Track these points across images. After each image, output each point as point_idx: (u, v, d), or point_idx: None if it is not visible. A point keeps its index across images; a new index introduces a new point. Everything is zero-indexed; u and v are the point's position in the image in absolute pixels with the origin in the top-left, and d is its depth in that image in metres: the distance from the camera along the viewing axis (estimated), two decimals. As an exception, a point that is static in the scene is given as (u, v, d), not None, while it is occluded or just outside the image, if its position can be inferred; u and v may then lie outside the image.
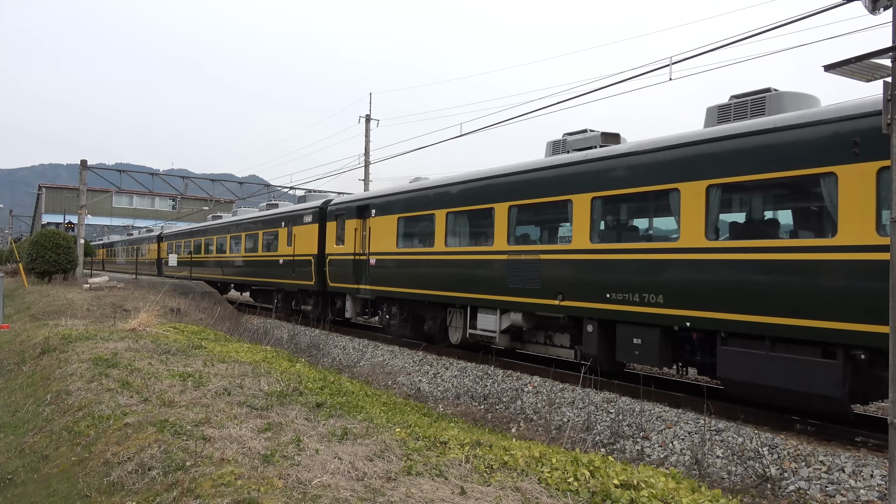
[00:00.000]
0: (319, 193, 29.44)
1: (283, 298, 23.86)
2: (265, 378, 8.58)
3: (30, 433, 7.40)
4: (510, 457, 5.15)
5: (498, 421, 10.77)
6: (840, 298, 7.66)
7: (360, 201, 18.26)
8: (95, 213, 58.30)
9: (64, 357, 10.27)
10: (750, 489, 7.34)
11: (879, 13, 5.82)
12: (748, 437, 8.18)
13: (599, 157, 11.01)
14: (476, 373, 12.92)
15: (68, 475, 5.84)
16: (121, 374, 8.58)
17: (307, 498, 4.28)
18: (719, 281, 9.01)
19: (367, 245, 17.30)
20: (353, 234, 18.01)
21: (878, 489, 6.76)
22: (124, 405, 7.08)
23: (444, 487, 4.48)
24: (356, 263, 17.76)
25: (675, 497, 4.38)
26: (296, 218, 22.02)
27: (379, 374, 14.38)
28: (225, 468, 4.88)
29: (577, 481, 4.61)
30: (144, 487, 5.02)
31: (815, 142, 8.06)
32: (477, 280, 13.31)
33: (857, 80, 6.97)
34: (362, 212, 17.92)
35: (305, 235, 21.11)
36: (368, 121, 33.97)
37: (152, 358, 9.80)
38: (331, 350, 17.52)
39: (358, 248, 17.81)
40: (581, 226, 11.16)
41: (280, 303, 24.14)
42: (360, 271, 17.55)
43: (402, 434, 5.90)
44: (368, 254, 17.17)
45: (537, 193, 12.17)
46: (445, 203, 14.44)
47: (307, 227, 21.07)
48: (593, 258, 10.91)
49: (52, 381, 9.09)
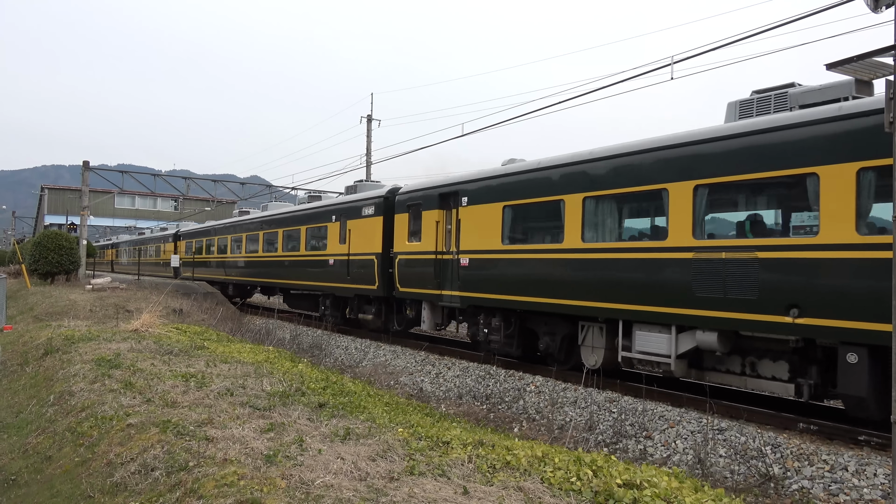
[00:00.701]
0: (320, 193, 28.66)
1: (333, 305, 20.36)
2: (267, 378, 8.59)
3: (33, 434, 7.41)
4: (513, 456, 5.15)
5: (500, 421, 10.77)
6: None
7: (443, 187, 14.90)
8: (98, 214, 58.38)
9: (67, 358, 10.29)
10: (753, 488, 7.33)
11: (882, 11, 5.81)
12: (751, 436, 8.17)
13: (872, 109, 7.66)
14: (478, 373, 12.92)
15: (71, 476, 5.85)
16: (123, 375, 8.59)
17: (310, 498, 4.29)
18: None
19: (455, 241, 14.26)
20: (433, 228, 14.88)
21: (882, 488, 6.75)
22: (127, 406, 7.09)
23: (447, 487, 4.48)
24: (438, 264, 14.65)
25: (678, 496, 4.38)
26: (351, 210, 18.62)
27: (381, 375, 14.39)
28: (228, 468, 4.89)
29: (579, 481, 4.61)
30: (147, 488, 5.03)
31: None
32: (636, 286, 10.18)
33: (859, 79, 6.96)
34: (447, 200, 14.76)
35: (365, 230, 17.73)
36: (370, 121, 33.98)
37: (155, 359, 9.82)
38: (333, 350, 17.53)
39: (441, 244, 14.70)
40: (839, 209, 7.88)
41: (329, 310, 20.57)
42: (445, 273, 14.50)
43: (404, 434, 5.90)
44: (457, 252, 14.10)
45: (747, 167, 8.90)
46: (581, 185, 11.21)
47: (367, 221, 17.67)
48: (864, 256, 7.65)
49: (55, 382, 9.11)
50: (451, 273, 14.31)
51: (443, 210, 14.83)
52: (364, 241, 17.75)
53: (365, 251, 17.64)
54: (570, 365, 12.21)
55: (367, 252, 17.54)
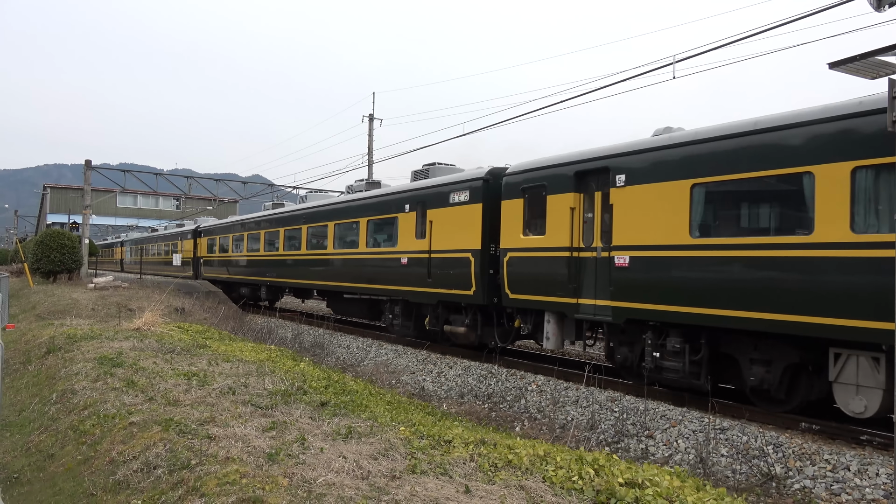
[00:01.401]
0: (323, 193, 27.96)
1: (404, 313, 16.59)
2: (269, 377, 8.60)
3: (35, 432, 7.43)
4: (514, 455, 5.15)
5: (502, 420, 10.77)
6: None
7: (582, 163, 11.42)
8: (100, 213, 58.46)
9: (69, 356, 10.31)
10: (755, 488, 7.33)
11: (885, 10, 5.80)
12: (753, 435, 8.17)
13: None
14: (480, 372, 12.93)
15: (74, 474, 5.87)
16: (126, 374, 8.61)
17: (312, 496, 4.29)
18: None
19: (603, 234, 11.04)
20: (565, 217, 11.56)
21: (884, 488, 6.75)
22: (129, 404, 7.11)
23: (449, 486, 4.48)
24: (574, 264, 11.37)
25: (679, 495, 4.38)
26: (433, 197, 15.06)
27: (383, 374, 14.40)
28: (230, 467, 4.89)
29: (581, 480, 4.61)
30: (150, 486, 5.04)
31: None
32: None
33: (861, 78, 6.95)
34: (587, 180, 11.44)
35: (455, 222, 14.27)
36: (372, 120, 33.99)
37: (157, 357, 9.83)
38: (335, 349, 17.54)
39: (577, 238, 11.44)
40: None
41: (398, 319, 16.80)
42: (584, 276, 11.27)
43: (406, 433, 5.91)
44: (606, 248, 10.82)
45: None
46: (850, 150, 7.83)
47: (459, 210, 14.18)
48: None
49: (58, 381, 9.12)
50: (597, 276, 10.96)
51: (579, 193, 11.45)
52: (453, 235, 14.25)
53: (455, 247, 14.18)
54: (791, 407, 9.07)
55: (458, 249, 14.07)
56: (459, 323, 14.51)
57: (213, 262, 31.22)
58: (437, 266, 14.67)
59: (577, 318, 11.45)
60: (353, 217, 18.69)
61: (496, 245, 13.35)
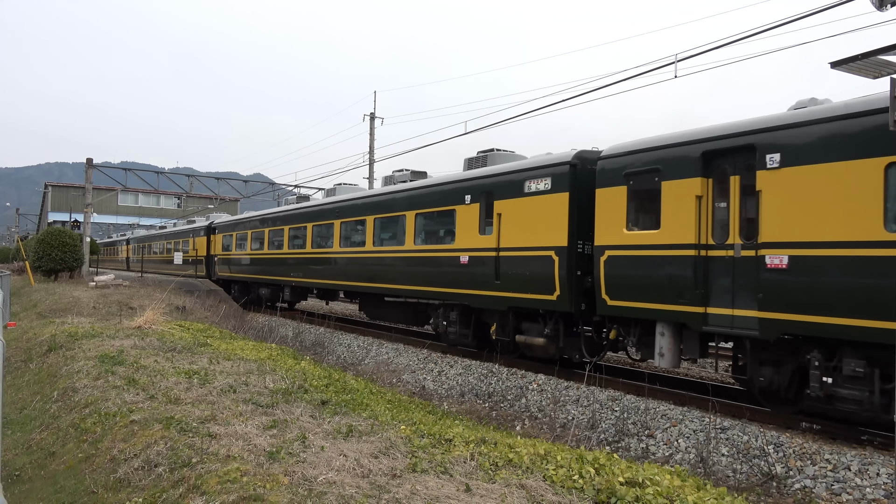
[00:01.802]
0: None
1: (461, 320, 14.67)
2: (270, 375, 8.61)
3: (37, 430, 7.44)
4: (515, 454, 5.16)
5: (503, 419, 10.78)
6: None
7: (714, 140, 9.41)
8: (101, 212, 58.53)
9: (70, 354, 10.32)
10: (755, 487, 7.33)
11: (887, 9, 5.80)
12: (753, 435, 8.17)
13: None
14: (481, 371, 12.93)
15: (75, 472, 5.88)
16: (127, 372, 8.62)
17: (312, 495, 4.30)
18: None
19: (745, 227, 9.12)
20: (688, 208, 9.59)
21: (885, 487, 6.75)
22: (130, 402, 7.12)
23: (450, 484, 4.49)
24: (702, 265, 9.44)
25: (680, 495, 4.38)
26: (503, 186, 13.07)
27: (384, 372, 14.40)
28: (231, 465, 4.90)
29: (582, 479, 4.61)
30: (151, 484, 5.05)
31: None
32: None
33: (863, 77, 6.95)
34: (718, 162, 9.45)
35: (532, 214, 12.28)
36: (373, 119, 34.00)
37: (158, 355, 9.84)
38: (335, 348, 17.54)
39: (706, 233, 9.50)
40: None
41: (454, 325, 14.83)
42: (718, 279, 9.30)
43: (406, 431, 5.91)
44: (751, 245, 8.92)
45: None
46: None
47: (536, 201, 12.19)
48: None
49: (59, 379, 9.14)
50: (735, 280, 9.05)
51: (707, 178, 9.50)
52: (530, 230, 12.26)
53: (532, 244, 12.18)
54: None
55: (536, 246, 12.09)
56: (536, 333, 12.54)
57: (228, 261, 29.04)
58: (507, 266, 12.73)
59: (706, 330, 9.37)
60: (398, 210, 16.44)
61: (585, 242, 11.48)
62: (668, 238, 9.89)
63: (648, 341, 10.57)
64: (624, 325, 10.98)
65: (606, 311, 10.87)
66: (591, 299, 11.33)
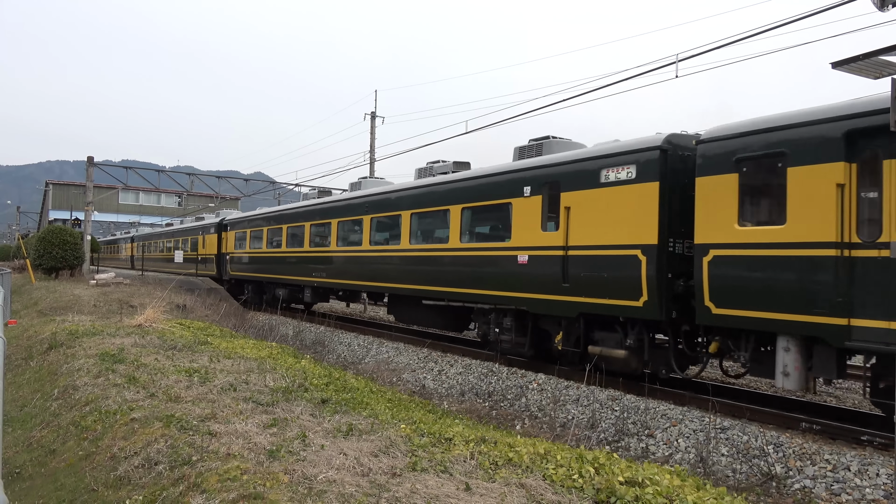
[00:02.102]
0: (324, 190, 26.11)
1: (517, 327, 13.01)
2: (271, 374, 8.62)
3: (37, 428, 7.45)
4: (515, 453, 5.16)
5: (503, 418, 10.78)
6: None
7: (864, 116, 7.83)
8: (102, 210, 58.59)
9: (71, 352, 10.34)
10: (755, 487, 7.33)
11: (888, 10, 5.80)
12: (753, 435, 8.17)
13: None
14: (481, 370, 12.93)
15: (75, 469, 5.89)
16: (127, 370, 8.63)
17: (312, 493, 4.30)
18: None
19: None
20: (824, 199, 8.12)
21: (884, 488, 6.75)
22: (131, 400, 7.13)
23: (449, 483, 4.49)
24: (844, 267, 7.96)
25: (679, 494, 4.38)
26: (573, 176, 11.46)
27: (384, 371, 14.41)
28: (231, 463, 4.91)
29: (581, 478, 4.62)
30: (151, 482, 5.05)
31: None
32: None
33: (864, 78, 6.95)
34: (869, 144, 7.91)
35: (610, 207, 10.70)
36: (374, 118, 33.99)
37: (158, 354, 9.85)
38: (336, 347, 17.55)
39: (849, 230, 8.00)
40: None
41: (508, 333, 13.18)
42: (868, 285, 7.82)
43: (407, 430, 5.92)
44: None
45: None
46: None
47: (616, 192, 10.62)
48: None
49: (59, 377, 9.15)
50: (893, 286, 7.55)
51: (850, 163, 7.98)
52: (609, 226, 10.73)
53: (612, 242, 10.67)
54: None
55: (616, 244, 10.59)
56: (614, 343, 10.97)
57: (242, 260, 27.37)
58: (579, 267, 11.15)
59: (849, 347, 7.92)
60: (440, 205, 14.84)
61: (676, 239, 10.13)
62: (796, 235, 8.35)
63: (763, 357, 9.09)
64: (732, 338, 9.46)
65: (710, 320, 9.26)
66: (682, 306, 9.98)
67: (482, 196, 13.64)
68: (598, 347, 11.24)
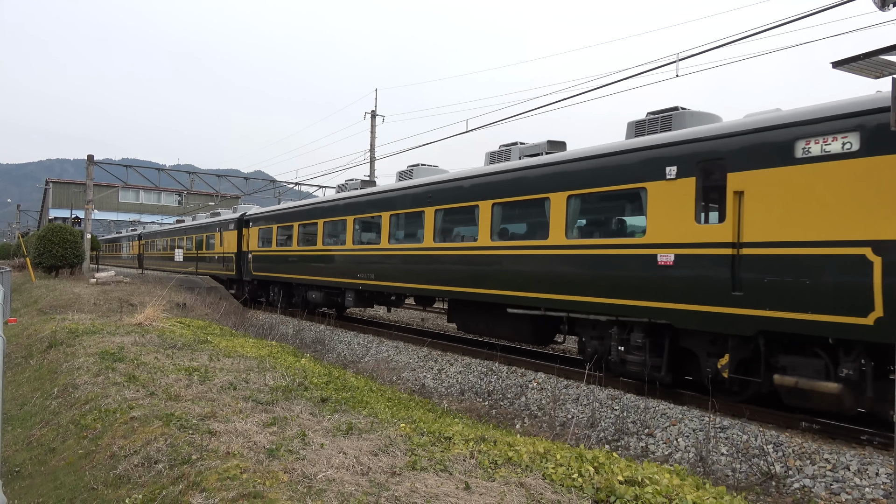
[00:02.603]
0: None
1: (652, 346, 10.30)
2: (270, 373, 8.62)
3: (37, 426, 7.45)
4: (514, 453, 5.16)
5: (502, 417, 10.79)
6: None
7: None
8: (102, 209, 58.58)
9: (71, 351, 10.34)
10: (754, 486, 7.33)
11: (888, 9, 5.79)
12: (753, 434, 8.17)
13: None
14: (480, 369, 12.93)
15: (75, 468, 5.89)
16: (127, 368, 8.63)
17: (312, 492, 4.30)
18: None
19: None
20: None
21: (884, 487, 6.75)
22: (130, 399, 7.13)
23: (449, 482, 4.49)
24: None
25: (679, 494, 4.38)
26: (746, 152, 8.78)
27: (384, 370, 14.41)
28: (230, 462, 4.91)
29: (581, 477, 4.62)
30: (150, 480, 5.05)
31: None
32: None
33: (864, 77, 6.94)
34: None
35: (811, 192, 8.03)
36: (374, 117, 33.98)
37: (158, 352, 9.85)
38: (336, 345, 17.55)
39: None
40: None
41: (636, 353, 10.49)
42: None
43: (406, 429, 5.92)
44: None
45: None
46: None
47: (821, 170, 7.97)
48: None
49: (59, 375, 9.15)
50: None
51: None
52: (809, 216, 8.03)
53: (817, 237, 7.96)
54: None
55: (827, 240, 7.86)
56: (815, 373, 8.20)
57: (268, 259, 24.46)
58: (759, 270, 8.50)
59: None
60: (535, 192, 12.20)
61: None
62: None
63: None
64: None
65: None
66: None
67: (597, 181, 10.97)
68: (791, 378, 8.40)
